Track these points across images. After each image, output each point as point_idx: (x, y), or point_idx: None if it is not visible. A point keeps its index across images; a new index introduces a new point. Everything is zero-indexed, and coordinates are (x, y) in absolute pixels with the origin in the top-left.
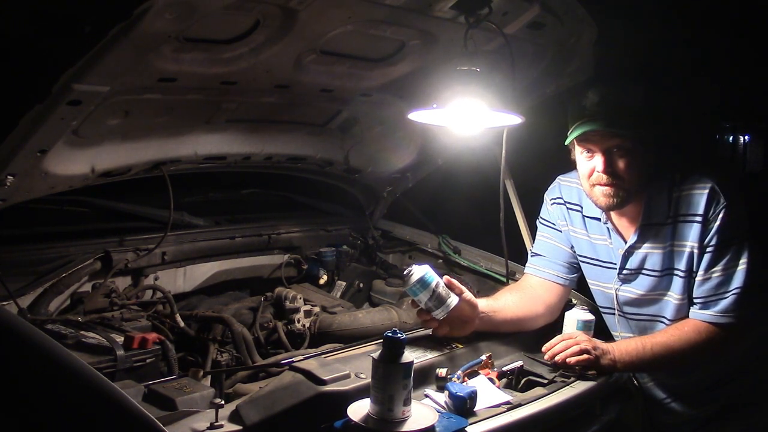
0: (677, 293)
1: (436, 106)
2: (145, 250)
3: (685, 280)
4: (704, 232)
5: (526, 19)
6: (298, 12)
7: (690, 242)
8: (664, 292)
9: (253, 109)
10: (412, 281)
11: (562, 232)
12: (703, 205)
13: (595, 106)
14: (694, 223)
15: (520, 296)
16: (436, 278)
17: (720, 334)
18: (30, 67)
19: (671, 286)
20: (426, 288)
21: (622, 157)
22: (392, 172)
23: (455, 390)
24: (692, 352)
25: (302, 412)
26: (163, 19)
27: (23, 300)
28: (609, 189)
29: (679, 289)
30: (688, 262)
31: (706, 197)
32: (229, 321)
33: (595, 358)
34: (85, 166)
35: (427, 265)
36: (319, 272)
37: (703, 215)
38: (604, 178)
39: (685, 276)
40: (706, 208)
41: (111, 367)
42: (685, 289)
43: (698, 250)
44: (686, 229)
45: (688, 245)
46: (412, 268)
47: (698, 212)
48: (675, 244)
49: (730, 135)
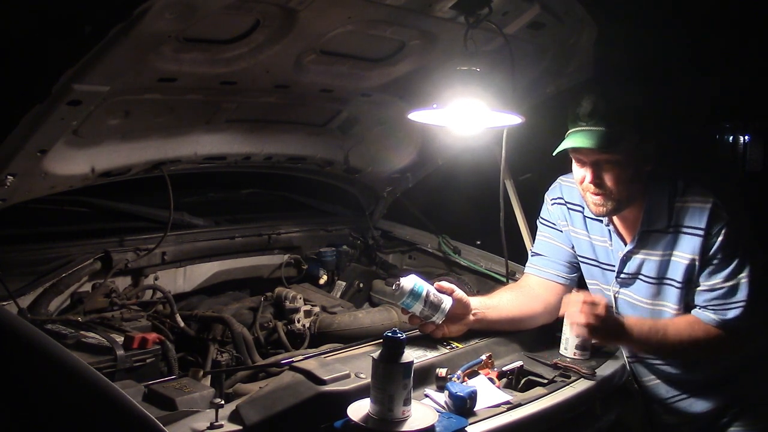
0: (672, 303)
1: (436, 106)
2: (145, 250)
3: (681, 291)
4: (706, 246)
5: (526, 19)
6: (298, 12)
7: (690, 254)
8: (659, 301)
9: (253, 109)
10: (404, 295)
11: (562, 232)
12: (706, 219)
13: (587, 117)
14: (695, 236)
15: (517, 295)
16: (425, 286)
17: (726, 340)
18: (30, 67)
19: (666, 296)
20: (418, 299)
21: (612, 169)
22: (392, 172)
23: (455, 390)
24: (697, 350)
25: (302, 412)
26: (163, 19)
27: (23, 300)
28: (599, 198)
29: (674, 299)
30: (686, 273)
31: (708, 212)
32: (229, 321)
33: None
34: (85, 166)
35: (414, 275)
36: (319, 272)
37: (705, 229)
38: (592, 188)
39: (681, 287)
40: (709, 223)
41: (111, 367)
42: (680, 299)
43: (699, 262)
44: (687, 241)
45: (687, 257)
46: (400, 282)
47: (700, 226)
48: (673, 254)
49: (730, 135)
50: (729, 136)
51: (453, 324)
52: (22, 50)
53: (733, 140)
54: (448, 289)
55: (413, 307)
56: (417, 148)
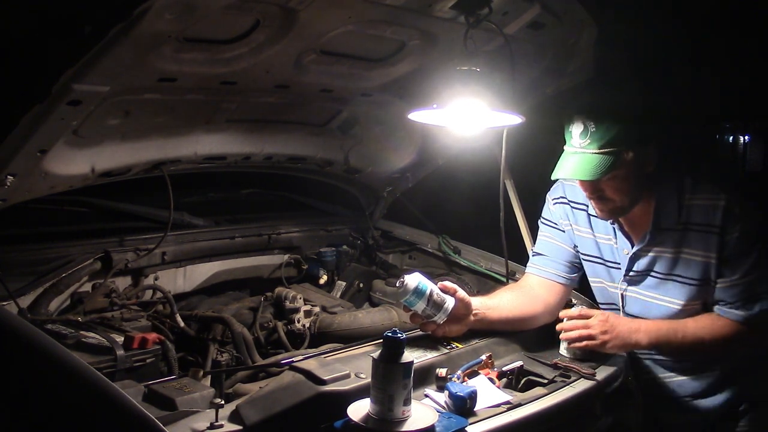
0: (678, 299)
1: (436, 106)
2: (145, 250)
3: (689, 288)
4: (723, 243)
5: (526, 19)
6: (298, 12)
7: (705, 252)
8: (664, 297)
9: (253, 109)
10: (407, 293)
11: (564, 231)
12: (720, 217)
13: (579, 139)
14: (710, 233)
15: (518, 295)
16: (429, 285)
17: (749, 335)
18: (30, 67)
19: (670, 292)
20: (422, 297)
21: (612, 184)
22: (392, 172)
23: (455, 390)
24: (720, 346)
25: (302, 412)
26: (163, 19)
27: (23, 300)
28: (602, 205)
29: (679, 295)
30: (700, 271)
31: (722, 209)
32: (229, 321)
33: (600, 343)
34: (85, 166)
35: (418, 273)
36: (319, 272)
37: (721, 227)
38: (595, 198)
39: (690, 284)
40: (724, 221)
41: (111, 367)
42: (685, 296)
43: (716, 260)
44: (700, 239)
45: (701, 255)
46: (404, 279)
47: (715, 224)
48: (684, 251)
49: (730, 135)
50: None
51: (454, 324)
52: (22, 50)
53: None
54: (451, 289)
55: (416, 306)
56: (417, 148)
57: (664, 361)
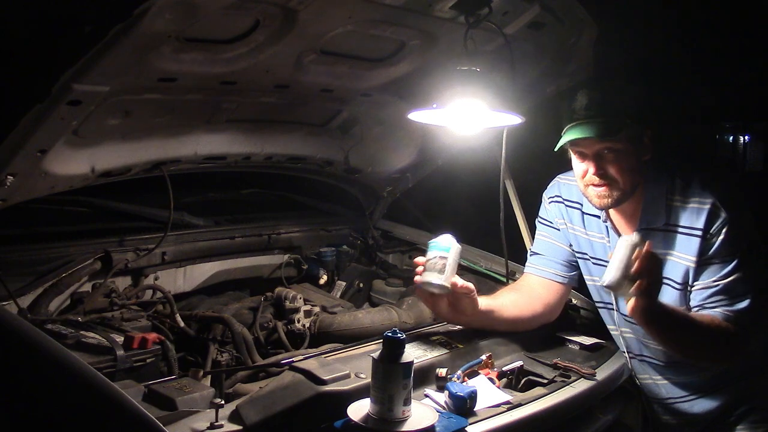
0: (668, 301)
1: (436, 106)
2: (145, 250)
3: (678, 292)
4: (704, 247)
5: (526, 19)
6: (298, 12)
7: (687, 256)
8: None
9: (253, 109)
10: (437, 238)
11: (560, 230)
12: (704, 220)
13: (584, 110)
14: (692, 236)
15: (519, 295)
16: (454, 254)
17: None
18: (30, 67)
19: (663, 296)
20: (441, 250)
21: (614, 158)
22: (392, 172)
23: (455, 390)
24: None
25: (302, 412)
26: (163, 19)
27: (23, 300)
28: (603, 189)
29: (672, 300)
30: (684, 275)
31: (707, 213)
32: (229, 321)
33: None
34: (85, 166)
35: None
36: (319, 272)
37: (703, 230)
38: (596, 180)
39: (678, 288)
40: (707, 224)
41: (111, 367)
42: (675, 300)
43: (695, 264)
44: (684, 242)
45: (684, 258)
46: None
47: (698, 227)
48: (672, 254)
49: (730, 135)
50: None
51: (454, 310)
52: (22, 50)
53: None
54: (468, 288)
55: (431, 252)
56: (417, 148)
57: (659, 363)
